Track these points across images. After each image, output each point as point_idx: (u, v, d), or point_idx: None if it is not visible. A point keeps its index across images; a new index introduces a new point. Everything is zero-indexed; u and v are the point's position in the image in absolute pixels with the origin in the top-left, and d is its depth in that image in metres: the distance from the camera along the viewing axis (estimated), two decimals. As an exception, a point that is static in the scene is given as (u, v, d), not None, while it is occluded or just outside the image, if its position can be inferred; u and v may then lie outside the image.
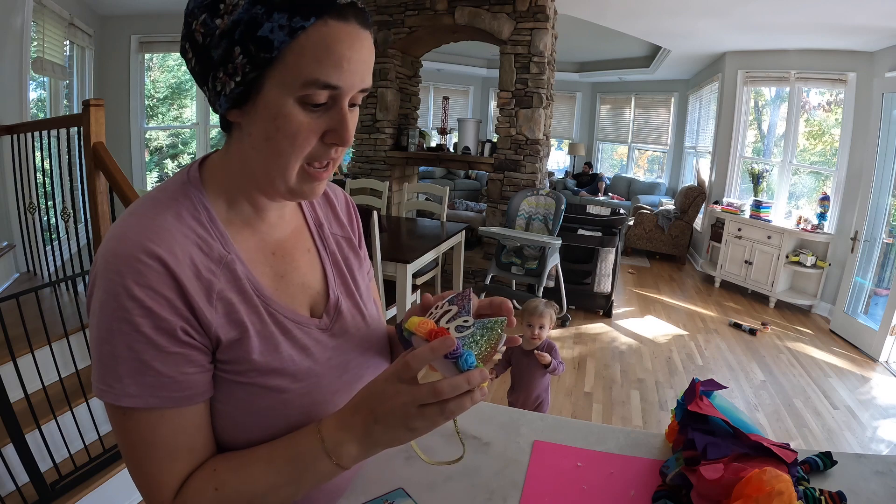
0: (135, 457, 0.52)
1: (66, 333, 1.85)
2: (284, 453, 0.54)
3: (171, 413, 0.52)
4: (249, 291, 0.58)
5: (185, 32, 0.52)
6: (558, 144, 9.10)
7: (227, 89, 0.50)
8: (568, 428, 0.93)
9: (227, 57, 0.49)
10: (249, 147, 0.54)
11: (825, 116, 4.97)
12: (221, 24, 0.49)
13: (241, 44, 0.48)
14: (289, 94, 0.49)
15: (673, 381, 3.11)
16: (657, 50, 6.02)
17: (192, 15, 0.51)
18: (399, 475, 0.77)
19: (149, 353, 0.50)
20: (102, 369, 0.50)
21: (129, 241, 0.50)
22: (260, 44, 0.48)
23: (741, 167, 5.42)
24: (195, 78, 0.54)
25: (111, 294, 0.49)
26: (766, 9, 3.60)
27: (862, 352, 3.69)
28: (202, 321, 0.53)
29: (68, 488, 1.66)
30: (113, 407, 0.51)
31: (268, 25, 0.47)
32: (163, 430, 0.51)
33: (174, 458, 0.52)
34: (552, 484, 0.77)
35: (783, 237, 4.45)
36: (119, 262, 0.50)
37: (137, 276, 0.49)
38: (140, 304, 0.49)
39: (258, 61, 0.48)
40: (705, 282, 5.30)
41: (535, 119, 4.05)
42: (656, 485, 0.76)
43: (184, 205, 0.55)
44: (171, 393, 0.51)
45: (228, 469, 0.54)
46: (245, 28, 0.48)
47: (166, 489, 0.52)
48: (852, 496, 0.73)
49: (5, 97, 2.93)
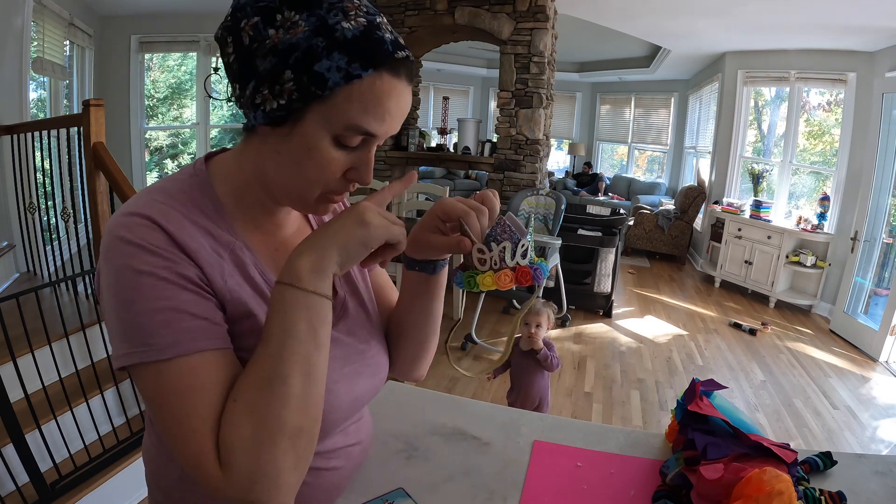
0: (173, 416, 0.48)
1: (66, 333, 1.85)
2: (266, 324, 0.51)
3: (211, 355, 0.50)
4: (257, 277, 0.58)
5: (230, 25, 0.51)
6: (558, 144, 9.11)
7: (268, 107, 0.50)
8: (568, 428, 0.93)
9: (275, 76, 0.49)
10: (273, 161, 0.54)
11: (825, 116, 4.97)
12: (275, 36, 0.48)
13: (293, 69, 0.48)
14: (327, 131, 0.51)
15: (673, 381, 3.11)
16: (657, 50, 6.03)
17: (241, 10, 0.50)
18: (399, 475, 0.77)
19: (179, 297, 0.49)
20: (132, 334, 0.48)
21: (129, 213, 0.51)
22: (314, 78, 0.48)
23: (741, 167, 5.42)
24: (228, 72, 0.53)
25: (124, 257, 0.49)
26: (766, 9, 3.60)
27: (862, 352, 3.69)
28: (213, 286, 0.53)
29: (68, 488, 1.66)
30: (149, 367, 0.48)
31: (326, 63, 0.48)
32: (205, 374, 0.49)
33: (216, 406, 0.49)
34: (552, 484, 0.77)
35: (783, 237, 4.46)
36: (122, 229, 0.50)
37: (144, 235, 0.49)
38: (156, 255, 0.49)
39: (307, 94, 0.49)
40: (705, 282, 5.30)
41: (535, 119, 4.05)
42: (656, 485, 0.76)
43: (190, 196, 0.56)
44: (210, 335, 0.50)
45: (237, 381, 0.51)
46: (302, 56, 0.48)
47: (210, 443, 0.48)
48: (852, 496, 0.73)
49: (5, 97, 2.93)
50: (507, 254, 0.57)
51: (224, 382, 0.50)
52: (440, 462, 0.81)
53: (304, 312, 0.51)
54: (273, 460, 0.47)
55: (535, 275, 0.57)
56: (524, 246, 0.57)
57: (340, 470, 0.70)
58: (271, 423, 0.48)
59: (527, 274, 0.57)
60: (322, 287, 0.52)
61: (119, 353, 0.49)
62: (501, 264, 0.57)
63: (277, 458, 0.48)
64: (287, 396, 0.49)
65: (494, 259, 0.57)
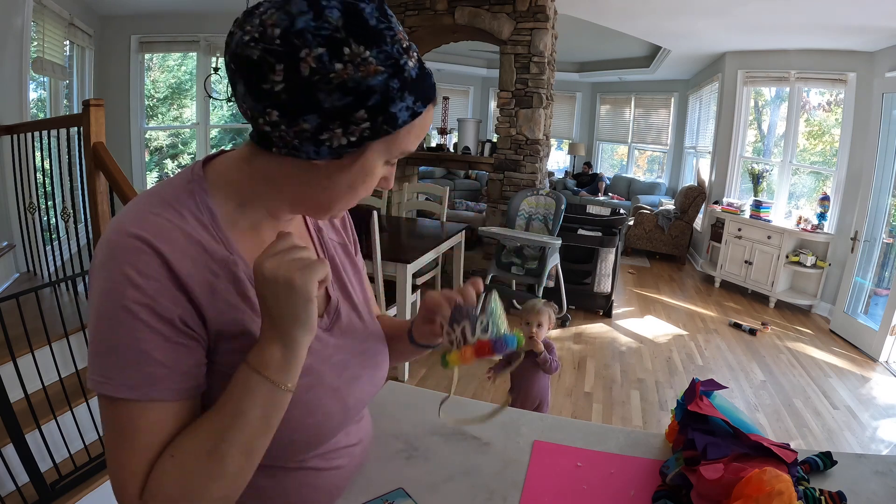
0: (115, 444, 0.51)
1: (66, 333, 1.85)
2: (224, 396, 0.53)
3: (164, 407, 0.51)
4: (252, 294, 0.57)
5: (279, 50, 0.46)
6: (558, 144, 9.10)
7: (335, 143, 0.51)
8: (568, 428, 0.93)
9: (346, 114, 0.49)
10: (320, 186, 0.55)
11: (825, 116, 4.97)
12: (342, 72, 0.47)
13: (369, 111, 0.49)
14: (383, 158, 0.55)
15: (673, 381, 3.11)
16: (657, 50, 6.02)
17: (300, 37, 0.46)
18: (399, 475, 0.77)
19: (151, 342, 0.50)
20: (101, 361, 0.50)
21: (125, 230, 0.51)
22: (388, 118, 0.51)
23: (741, 167, 5.42)
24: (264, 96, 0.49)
25: (109, 282, 0.49)
26: (766, 9, 3.60)
27: (862, 352, 3.69)
28: (201, 313, 0.53)
29: (68, 488, 1.66)
30: (107, 397, 0.50)
31: (400, 104, 0.50)
32: (154, 422, 0.51)
33: (153, 449, 0.51)
34: (552, 484, 0.77)
35: (783, 237, 4.45)
36: (115, 250, 0.50)
37: (134, 262, 0.49)
38: (140, 290, 0.49)
39: (380, 132, 0.51)
40: (705, 282, 5.30)
41: (535, 119, 4.05)
42: (656, 485, 0.76)
43: (186, 204, 0.55)
44: (169, 385, 0.51)
45: (182, 434, 0.52)
46: (381, 99, 0.49)
47: (136, 479, 0.50)
48: (852, 496, 0.73)
49: (5, 97, 2.93)
50: (468, 332, 0.63)
51: (171, 433, 0.52)
52: (440, 462, 0.81)
53: (262, 401, 0.52)
54: None
55: (496, 346, 0.62)
56: (482, 322, 0.63)
57: (341, 470, 0.70)
58: (198, 493, 0.50)
59: (485, 347, 0.62)
60: (288, 380, 0.53)
61: (90, 373, 0.52)
62: (465, 341, 0.63)
63: None
64: (221, 474, 0.51)
65: (457, 338, 0.63)
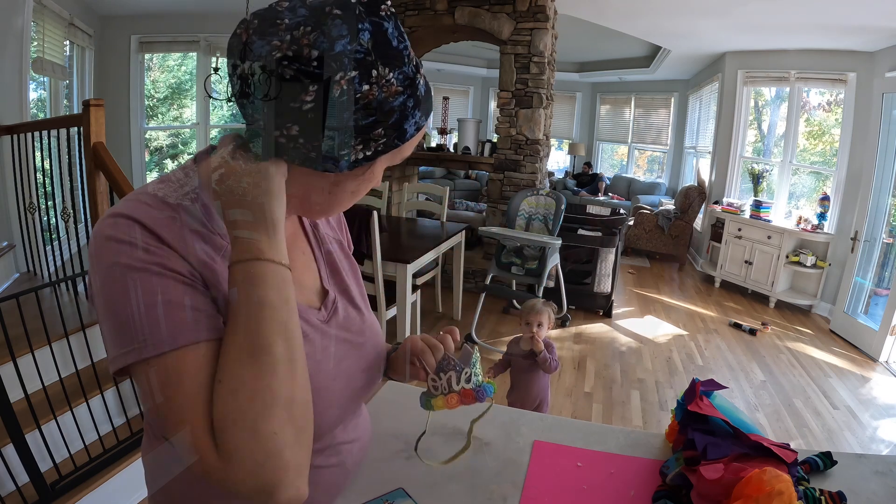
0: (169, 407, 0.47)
1: (66, 333, 1.85)
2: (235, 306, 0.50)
3: (206, 346, 0.49)
4: None
5: (318, 73, 0.48)
6: (558, 144, 9.10)
7: (353, 157, 0.53)
8: (568, 428, 0.93)
9: (366, 132, 0.52)
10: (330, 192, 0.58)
11: (825, 116, 4.97)
12: (368, 93, 0.50)
13: (386, 128, 0.53)
14: (387, 165, 0.59)
15: (673, 381, 3.11)
16: (657, 50, 6.02)
17: (338, 61, 0.48)
18: (399, 475, 0.77)
19: (172, 290, 0.49)
20: (127, 331, 0.47)
21: (116, 214, 0.51)
22: (400, 133, 0.54)
23: (741, 167, 5.42)
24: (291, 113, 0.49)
25: (114, 257, 0.49)
26: (766, 9, 3.60)
27: (862, 352, 3.69)
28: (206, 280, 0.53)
29: (68, 488, 1.66)
30: (148, 362, 0.47)
31: (411, 120, 0.54)
32: (191, 365, 0.48)
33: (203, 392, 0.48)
34: (552, 484, 0.77)
35: (783, 237, 4.45)
36: (114, 230, 0.50)
37: (130, 234, 0.49)
38: (144, 251, 0.49)
39: (391, 145, 0.55)
40: (705, 282, 5.30)
41: (535, 119, 4.05)
42: (656, 485, 0.76)
43: (179, 198, 0.55)
44: (204, 326, 0.49)
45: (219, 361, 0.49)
46: (398, 117, 0.53)
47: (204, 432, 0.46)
48: (852, 496, 0.73)
49: (5, 97, 2.93)
50: (454, 381, 0.72)
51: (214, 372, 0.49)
52: (440, 462, 0.81)
53: (272, 282, 0.50)
54: (271, 436, 0.45)
55: (478, 395, 0.72)
56: (467, 373, 0.72)
57: (341, 467, 0.70)
58: (262, 396, 0.46)
59: (469, 395, 0.72)
60: (283, 258, 0.52)
61: (115, 354, 0.49)
62: (450, 389, 0.72)
63: (276, 432, 0.46)
64: (273, 365, 0.47)
65: (444, 385, 0.72)
